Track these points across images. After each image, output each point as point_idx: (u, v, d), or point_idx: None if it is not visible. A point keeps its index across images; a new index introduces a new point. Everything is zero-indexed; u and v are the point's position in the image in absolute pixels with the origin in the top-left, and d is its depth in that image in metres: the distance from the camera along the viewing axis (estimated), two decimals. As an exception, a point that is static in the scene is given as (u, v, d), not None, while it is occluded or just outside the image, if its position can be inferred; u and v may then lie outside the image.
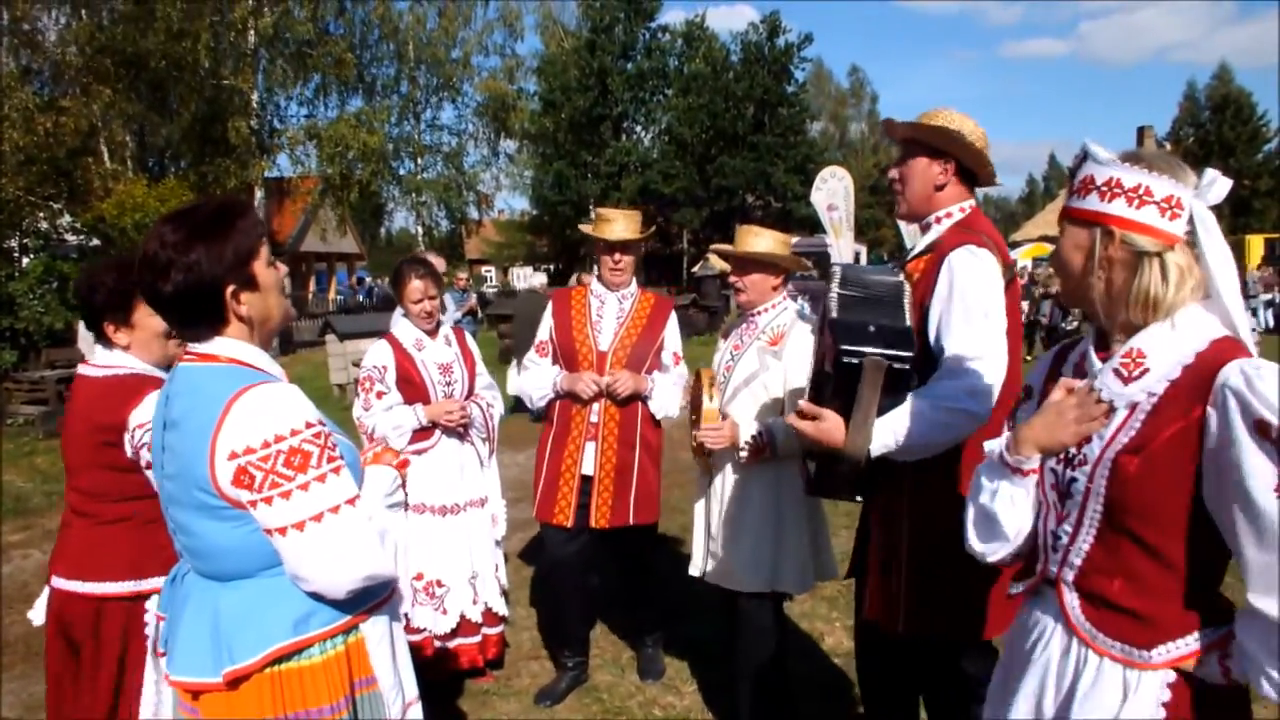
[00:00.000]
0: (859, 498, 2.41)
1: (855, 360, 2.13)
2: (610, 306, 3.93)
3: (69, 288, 13.21)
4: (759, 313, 3.29)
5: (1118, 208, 1.53)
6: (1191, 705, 1.46)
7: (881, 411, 2.17)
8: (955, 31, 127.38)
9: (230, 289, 1.74)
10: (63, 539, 2.74)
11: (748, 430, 3.10)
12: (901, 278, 2.37)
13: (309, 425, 1.70)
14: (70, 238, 16.09)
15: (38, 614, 2.81)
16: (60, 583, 2.66)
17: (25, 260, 14.40)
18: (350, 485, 1.74)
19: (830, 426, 2.19)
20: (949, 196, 2.52)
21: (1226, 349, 1.46)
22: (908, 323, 2.25)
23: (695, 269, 22.84)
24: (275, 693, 1.71)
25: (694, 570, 3.44)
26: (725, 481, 3.25)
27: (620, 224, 3.84)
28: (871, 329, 2.16)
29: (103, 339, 2.66)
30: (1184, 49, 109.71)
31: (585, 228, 3.98)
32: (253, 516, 1.68)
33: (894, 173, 2.61)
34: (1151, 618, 1.48)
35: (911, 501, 2.43)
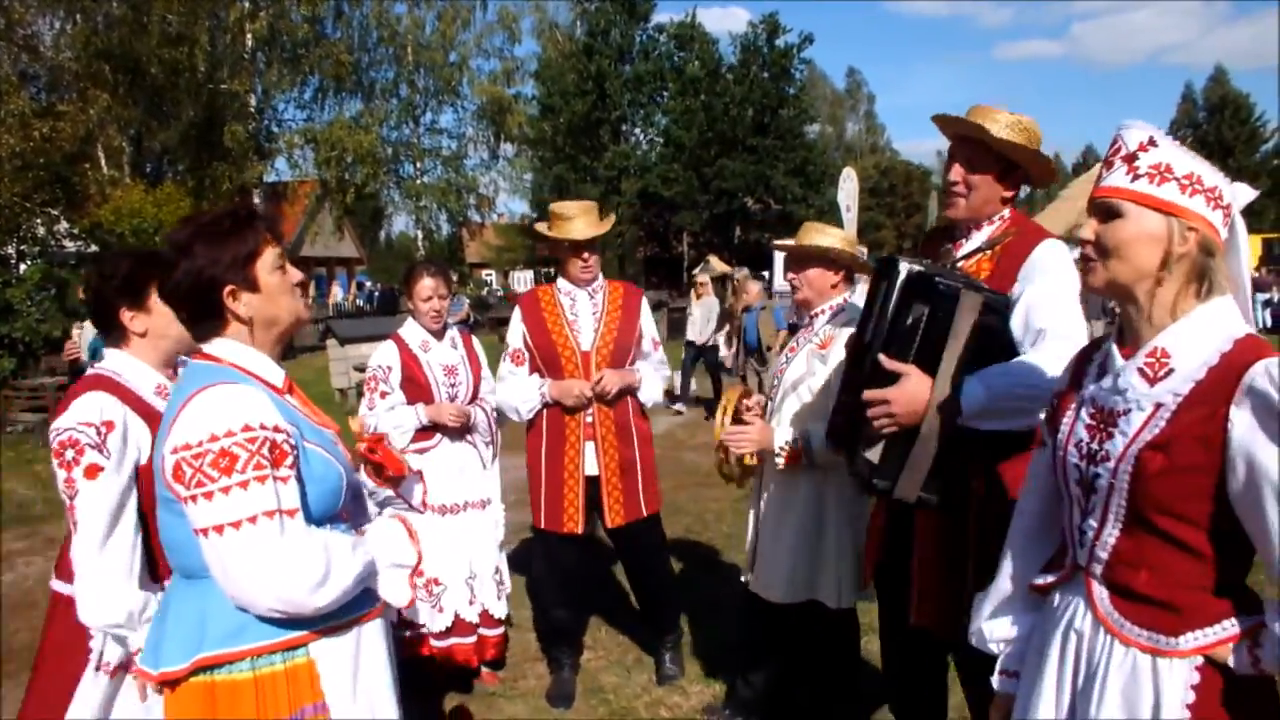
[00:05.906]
0: (934, 498, 2.20)
1: (953, 292, 1.98)
2: (583, 304, 3.83)
3: (67, 294, 13.19)
4: (817, 314, 3.19)
5: (1198, 205, 1.51)
6: (1220, 693, 1.45)
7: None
8: (948, 34, 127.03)
9: (228, 289, 1.77)
10: None
11: (783, 435, 3.03)
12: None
13: (247, 429, 1.64)
14: (68, 244, 16.04)
15: None
16: None
17: (23, 266, 14.37)
18: (283, 498, 1.65)
19: (916, 383, 2.08)
20: (1007, 202, 2.52)
21: (1250, 348, 1.45)
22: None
23: (695, 271, 22.80)
24: (208, 702, 1.68)
25: (745, 577, 3.39)
26: (771, 490, 3.21)
27: (581, 221, 3.71)
28: (963, 280, 2.08)
29: (112, 335, 2.60)
30: (1178, 51, 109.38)
31: (541, 228, 3.81)
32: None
33: (958, 174, 2.47)
34: (1179, 606, 1.48)
35: (982, 504, 2.35)
